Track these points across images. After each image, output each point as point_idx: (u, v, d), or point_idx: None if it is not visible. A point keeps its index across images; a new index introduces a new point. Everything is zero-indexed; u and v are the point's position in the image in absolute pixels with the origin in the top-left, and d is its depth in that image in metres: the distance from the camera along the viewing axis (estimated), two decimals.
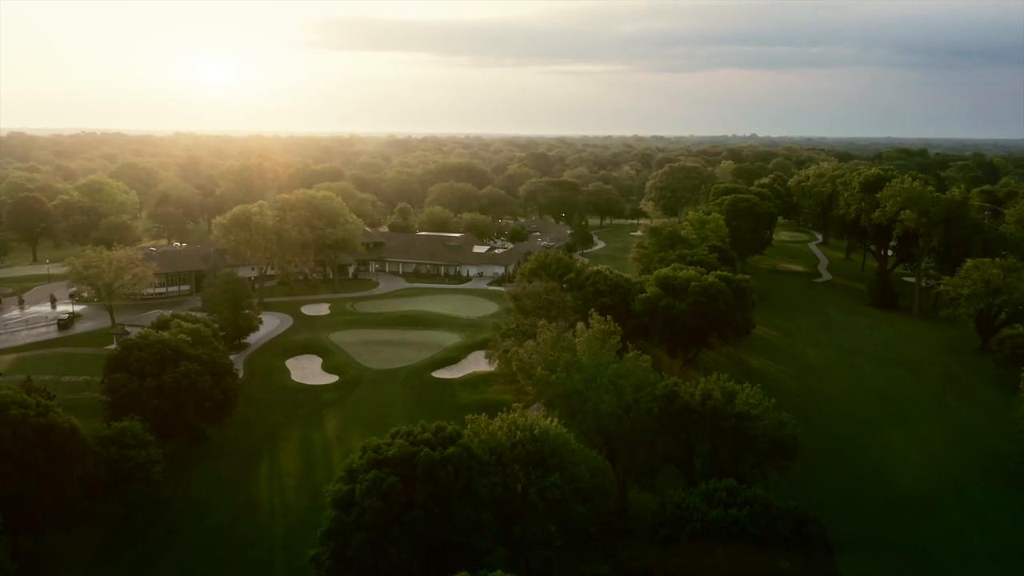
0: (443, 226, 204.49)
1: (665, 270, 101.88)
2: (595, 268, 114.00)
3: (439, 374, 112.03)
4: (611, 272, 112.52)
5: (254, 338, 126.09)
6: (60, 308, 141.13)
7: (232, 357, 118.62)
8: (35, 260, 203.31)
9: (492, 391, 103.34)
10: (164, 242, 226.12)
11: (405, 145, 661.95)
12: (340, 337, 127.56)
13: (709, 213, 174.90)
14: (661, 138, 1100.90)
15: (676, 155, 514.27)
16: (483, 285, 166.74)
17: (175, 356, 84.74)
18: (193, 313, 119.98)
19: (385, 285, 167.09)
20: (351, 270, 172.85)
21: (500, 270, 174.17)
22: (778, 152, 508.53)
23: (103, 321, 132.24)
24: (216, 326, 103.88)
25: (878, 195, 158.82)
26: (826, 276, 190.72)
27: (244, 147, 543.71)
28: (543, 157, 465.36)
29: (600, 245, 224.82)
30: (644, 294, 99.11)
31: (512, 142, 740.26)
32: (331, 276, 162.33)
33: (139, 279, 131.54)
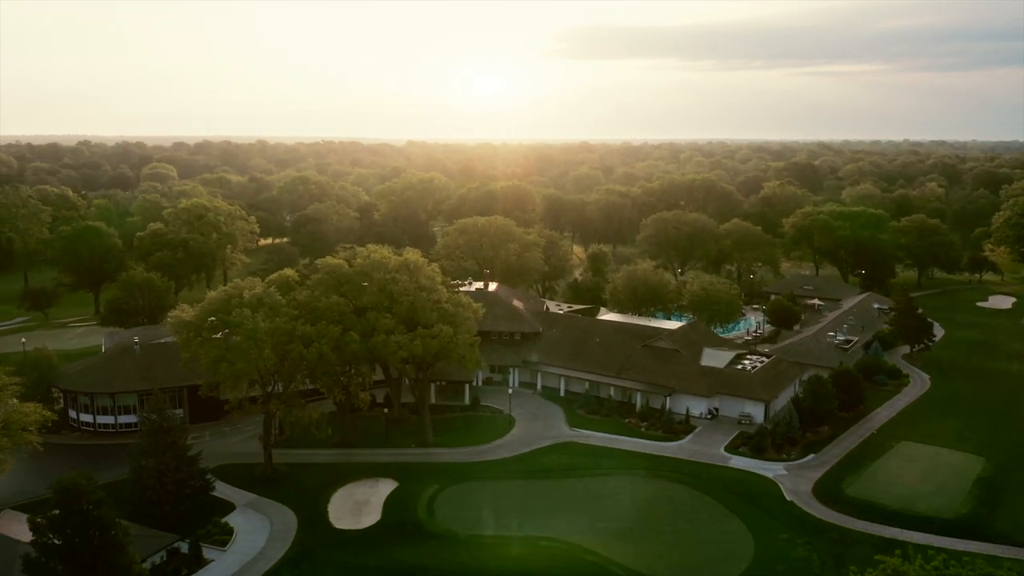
0: (653, 295, 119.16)
1: None
2: None
3: None
4: None
5: None
6: None
7: None
8: (98, 313, 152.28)
9: None
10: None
11: (636, 153, 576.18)
12: None
13: None
14: (942, 143, 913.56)
15: (995, 167, 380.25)
16: (719, 449, 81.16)
17: None
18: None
19: (524, 427, 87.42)
20: (472, 387, 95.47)
21: (756, 411, 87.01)
22: None
23: (43, 470, 67.54)
24: None
25: None
26: None
27: (464, 155, 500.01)
28: (808, 168, 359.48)
29: (938, 333, 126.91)
30: None
31: (762, 148, 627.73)
32: (421, 406, 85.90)
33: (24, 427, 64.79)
